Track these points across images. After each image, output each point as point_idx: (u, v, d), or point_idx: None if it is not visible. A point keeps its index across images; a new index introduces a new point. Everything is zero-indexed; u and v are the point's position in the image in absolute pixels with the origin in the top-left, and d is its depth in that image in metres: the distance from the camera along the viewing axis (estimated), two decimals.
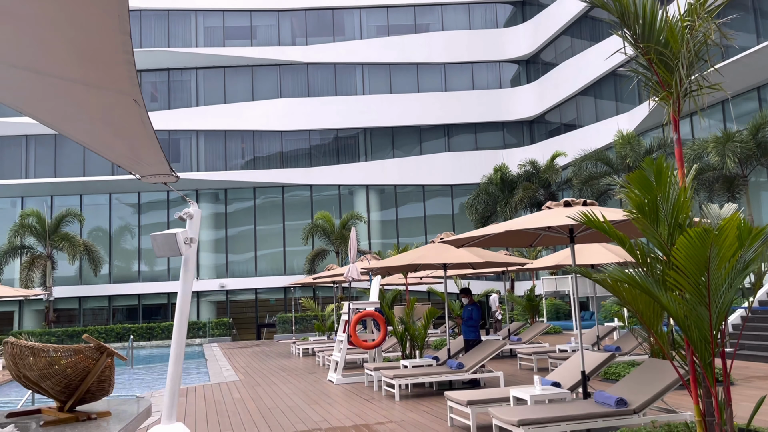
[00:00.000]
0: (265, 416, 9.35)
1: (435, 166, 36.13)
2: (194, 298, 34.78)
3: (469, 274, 18.39)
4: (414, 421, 8.41)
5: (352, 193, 36.63)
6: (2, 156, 35.34)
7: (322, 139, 36.67)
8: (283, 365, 17.10)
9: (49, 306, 31.47)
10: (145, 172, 7.44)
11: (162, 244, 7.54)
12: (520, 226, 6.49)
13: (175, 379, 7.45)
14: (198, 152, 36.08)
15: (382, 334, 12.84)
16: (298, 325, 31.42)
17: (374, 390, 11.49)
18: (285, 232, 35.70)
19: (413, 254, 11.11)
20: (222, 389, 12.58)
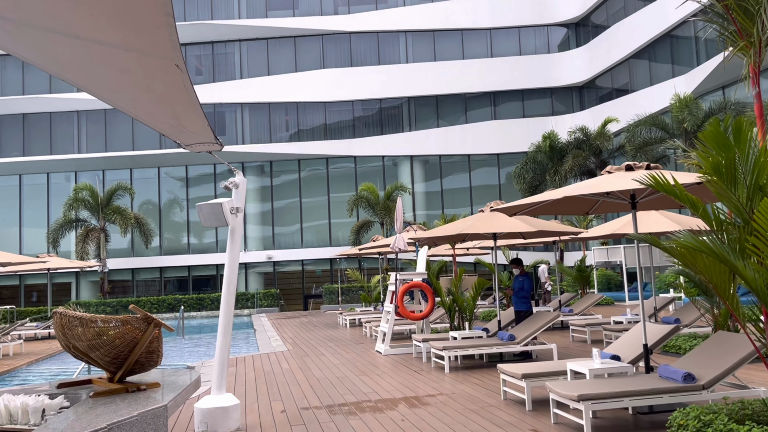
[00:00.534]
0: (314, 387, 9.30)
1: (481, 135, 35.41)
2: (242, 269, 35.31)
3: (518, 244, 17.96)
4: (465, 394, 8.20)
5: (396, 164, 36.30)
6: (56, 132, 36.27)
7: (366, 109, 36.33)
8: (331, 336, 17.13)
9: (103, 277, 32.44)
10: (189, 140, 7.31)
11: (208, 214, 7.44)
12: (579, 191, 6.10)
13: (224, 349, 7.40)
14: (243, 125, 36.25)
15: (429, 305, 12.63)
16: (344, 296, 31.57)
17: (423, 361, 11.33)
18: (330, 204, 35.73)
19: (462, 224, 10.79)
20: (271, 359, 12.64)
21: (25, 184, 36.11)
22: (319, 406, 7.88)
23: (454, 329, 12.88)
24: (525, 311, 11.40)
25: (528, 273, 11.75)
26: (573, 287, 25.26)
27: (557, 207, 7.71)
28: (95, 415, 3.90)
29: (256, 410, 7.85)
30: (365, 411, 7.49)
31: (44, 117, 36.38)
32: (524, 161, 29.30)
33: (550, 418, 6.69)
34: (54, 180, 36.35)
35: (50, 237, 31.69)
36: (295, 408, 7.87)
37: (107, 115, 36.30)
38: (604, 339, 12.35)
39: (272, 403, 8.26)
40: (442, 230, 10.83)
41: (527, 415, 6.89)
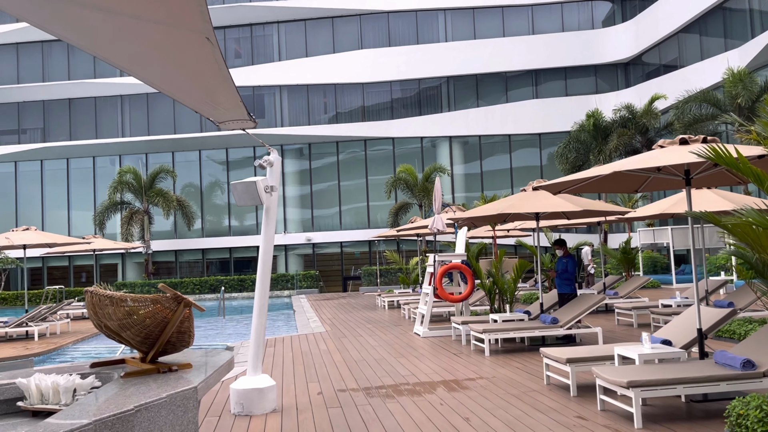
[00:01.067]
0: (351, 369, 9.17)
1: (522, 115, 34.63)
2: (282, 251, 35.57)
3: (561, 226, 17.47)
4: (506, 378, 7.94)
5: (435, 146, 35.87)
6: (101, 116, 36.98)
7: (404, 90, 35.91)
8: (369, 317, 17.04)
9: (148, 258, 33.10)
10: (222, 117, 7.17)
11: (242, 193, 7.32)
12: (630, 166, 5.72)
13: (260, 330, 7.31)
14: (282, 107, 36.29)
15: (469, 287, 12.36)
16: (382, 278, 31.50)
17: (462, 344, 11.09)
18: (368, 186, 35.58)
19: (503, 203, 10.46)
20: (309, 340, 12.59)
21: (72, 168, 37.00)
22: (356, 389, 7.75)
23: (495, 312, 12.59)
24: (568, 294, 11.03)
25: (572, 254, 11.36)
26: (617, 270, 24.59)
27: (605, 184, 7.32)
28: (124, 396, 3.80)
29: (292, 391, 7.76)
30: (403, 394, 7.31)
31: (89, 102, 37.10)
32: (567, 141, 28.50)
33: (596, 404, 6.39)
34: (99, 164, 37.14)
35: (96, 219, 32.45)
36: (331, 390, 7.75)
37: (149, 99, 36.81)
38: (651, 323, 11.89)
39: (309, 384, 8.16)
40: (482, 210, 10.52)
41: (572, 401, 6.60)
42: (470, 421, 6.03)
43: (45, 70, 37.12)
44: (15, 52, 37.18)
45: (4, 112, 37.30)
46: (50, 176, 37.06)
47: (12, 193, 36.96)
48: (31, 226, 35.42)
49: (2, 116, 37.32)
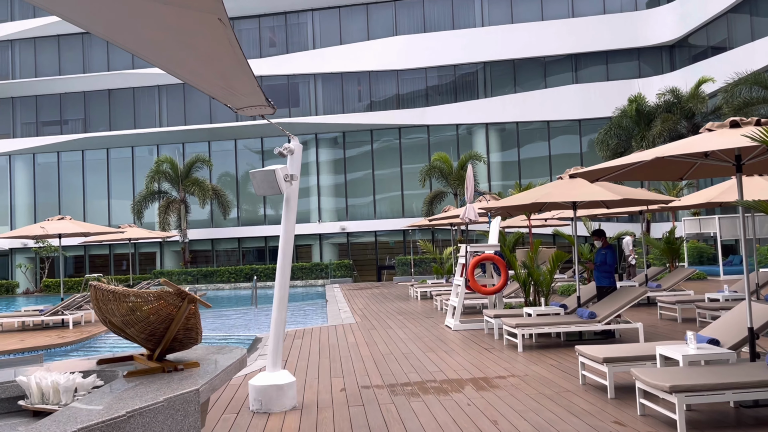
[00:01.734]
0: (377, 363, 8.88)
1: (561, 100, 33.67)
2: (316, 240, 35.53)
3: (600, 215, 16.80)
4: (539, 377, 7.53)
5: (471, 133, 35.21)
6: (139, 106, 37.44)
7: (440, 76, 35.31)
8: (401, 308, 16.74)
9: (184, 247, 33.47)
10: (240, 104, 6.90)
11: (261, 182, 7.05)
12: (675, 152, 5.23)
13: (279, 324, 7.06)
14: (316, 96, 36.12)
15: (502, 278, 11.92)
16: (416, 268, 31.16)
17: (494, 338, 10.69)
18: (402, 175, 35.20)
19: (538, 192, 9.98)
20: (338, 332, 12.36)
21: (112, 158, 37.61)
22: (380, 385, 7.45)
23: (529, 305, 12.13)
24: (608, 287, 10.50)
25: (611, 245, 10.81)
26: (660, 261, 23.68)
27: (646, 171, 6.81)
28: (120, 399, 3.57)
29: (315, 387, 7.51)
30: (429, 392, 6.98)
31: (128, 92, 37.59)
32: (608, 127, 27.59)
33: (636, 408, 5.95)
34: (138, 153, 37.66)
35: (135, 208, 32.92)
36: (355, 386, 7.47)
37: (186, 89, 37.08)
38: (697, 318, 11.27)
39: (333, 379, 7.90)
40: (516, 199, 10.06)
41: (609, 404, 6.17)
42: (498, 424, 5.67)
43: (85, 62, 37.73)
44: (56, 44, 37.87)
45: (47, 104, 38.11)
46: (91, 166, 37.76)
47: (55, 182, 37.80)
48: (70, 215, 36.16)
49: (45, 107, 38.14)
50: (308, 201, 35.95)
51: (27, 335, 14.07)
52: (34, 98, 38.11)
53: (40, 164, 38.08)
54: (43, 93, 37.88)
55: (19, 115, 38.28)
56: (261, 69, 35.84)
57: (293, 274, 32.66)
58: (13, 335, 14.18)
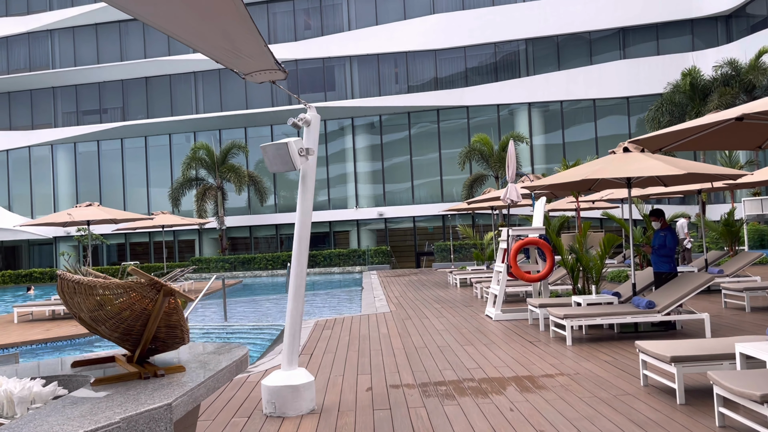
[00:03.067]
0: (410, 358, 8.08)
1: (608, 77, 32.03)
2: (354, 226, 34.91)
3: (653, 195, 15.56)
4: (592, 376, 6.60)
5: (513, 114, 33.88)
6: (175, 93, 37.32)
7: (479, 55, 34.02)
8: (439, 296, 15.89)
9: (222, 234, 33.28)
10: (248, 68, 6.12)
11: (273, 157, 6.26)
12: (765, 107, 4.21)
13: (295, 317, 6.30)
14: (352, 79, 35.31)
15: (548, 264, 10.94)
16: (456, 254, 30.21)
17: (539, 330, 9.76)
18: (441, 159, 34.17)
19: (588, 168, 8.96)
20: (370, 322, 11.61)
21: (150, 146, 37.67)
22: (411, 384, 6.64)
23: (578, 293, 11.13)
24: (667, 272, 9.42)
25: (670, 227, 9.71)
26: (717, 244, 22.15)
27: (722, 137, 5.76)
28: (66, 419, 2.85)
29: (338, 385, 6.75)
30: (465, 394, 6.14)
31: (164, 80, 37.50)
32: (659, 103, 25.98)
33: (714, 418, 4.99)
34: (175, 141, 37.61)
35: (172, 196, 32.83)
36: (383, 385, 6.68)
37: (222, 75, 36.76)
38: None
39: (359, 377, 7.13)
40: (564, 176, 9.05)
41: (678, 412, 5.22)
42: None
43: (123, 50, 37.77)
44: (94, 32, 38.00)
45: (86, 93, 38.36)
46: (130, 154, 37.91)
47: (95, 171, 38.11)
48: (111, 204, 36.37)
49: (85, 96, 38.40)
50: (345, 188, 35.30)
51: (55, 324, 13.78)
52: (74, 88, 38.41)
53: (81, 153, 38.44)
54: (83, 82, 38.12)
55: (60, 104, 38.66)
56: (296, 53, 35.22)
57: (331, 261, 32.12)
58: (42, 324, 13.91)
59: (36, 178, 38.58)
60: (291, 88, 35.79)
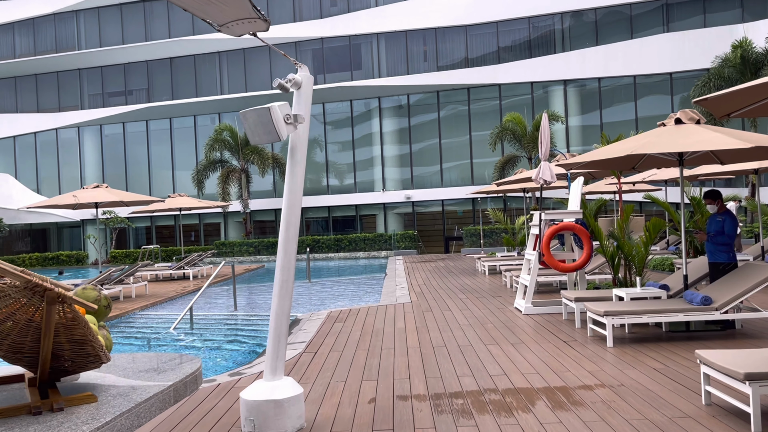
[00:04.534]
0: (425, 359, 7.07)
1: (649, 52, 30.18)
2: (380, 210, 33.92)
3: (702, 175, 14.17)
4: (640, 389, 5.49)
5: (547, 92, 32.30)
6: (200, 74, 36.66)
7: (512, 31, 32.45)
8: (465, 285, 14.81)
9: (246, 218, 32.64)
10: (223, 18, 5.09)
11: (254, 125, 5.21)
12: None
13: (281, 318, 5.28)
14: (379, 57, 34.11)
15: (585, 252, 9.77)
16: (486, 239, 28.99)
17: (574, 327, 8.64)
18: (471, 140, 32.85)
19: (634, 142, 7.74)
20: (387, 314, 10.61)
21: (174, 128, 37.16)
22: (422, 395, 5.63)
23: (618, 284, 9.95)
24: (725, 263, 8.19)
25: (729, 211, 8.46)
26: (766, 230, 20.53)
27: None
28: None
29: (338, 394, 5.78)
30: (486, 410, 5.10)
31: (189, 60, 36.86)
32: (705, 79, 24.20)
33: None
34: (200, 122, 37.02)
35: (195, 178, 32.28)
36: (389, 395, 5.69)
37: (246, 55, 35.94)
38: None
39: (364, 383, 6.15)
40: (606, 152, 7.86)
41: None
42: None
43: (147, 30, 37.21)
44: (119, 12, 37.50)
45: (112, 74, 37.98)
46: (155, 136, 37.48)
47: (121, 153, 37.83)
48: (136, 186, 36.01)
49: (110, 78, 38.02)
50: (372, 171, 34.28)
51: None
52: (100, 69, 38.06)
53: (107, 135, 38.17)
54: (108, 63, 37.73)
55: (86, 86, 38.38)
56: (322, 31, 34.15)
57: (356, 245, 31.23)
58: None
59: (63, 161, 38.50)
60: (317, 68, 34.80)
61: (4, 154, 39.38)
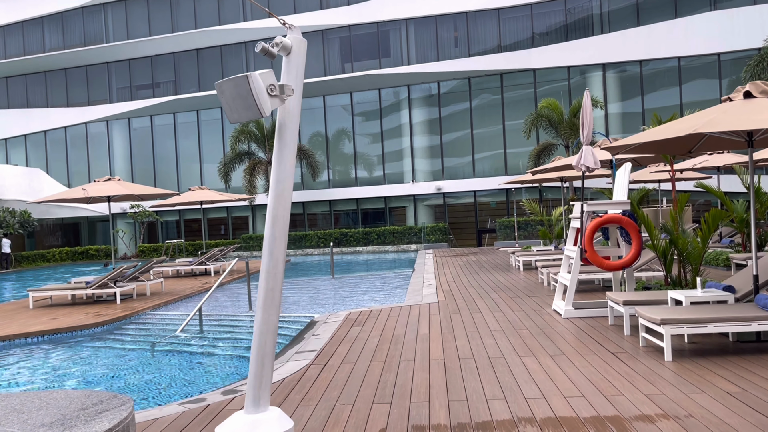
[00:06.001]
0: (449, 375, 6.07)
1: (695, 32, 28.40)
2: (410, 201, 32.91)
3: (763, 161, 12.79)
4: (714, 422, 4.40)
5: (585, 77, 30.76)
6: (226, 65, 36.10)
7: (548, 13, 30.97)
8: (497, 282, 13.73)
9: None
10: None
11: (232, 98, 4.07)
12: None
13: (265, 336, 4.31)
14: (408, 43, 32.99)
15: (634, 248, 8.60)
16: (521, 231, 27.74)
17: (623, 334, 7.53)
18: (505, 130, 31.53)
19: (694, 120, 6.58)
20: (411, 316, 9.64)
21: (202, 120, 36.73)
22: (443, 426, 4.65)
23: (671, 284, 8.78)
24: None
25: None
26: None
27: None
28: None
29: (342, 423, 4.84)
30: None
31: (215, 51, 36.32)
32: (758, 58, 22.49)
33: None
34: None
35: (222, 171, 31.74)
36: (403, 426, 4.71)
37: None
38: None
39: (374, 407, 5.19)
40: (661, 131, 6.71)
41: None
42: None
43: (174, 21, 36.78)
44: (146, 4, 37.14)
45: (139, 67, 37.71)
46: (182, 129, 37.11)
47: (149, 147, 37.59)
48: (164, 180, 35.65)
49: (138, 71, 37.76)
50: (401, 163, 33.26)
51: (71, 310, 12.54)
52: (127, 62, 37.81)
53: (135, 129, 37.96)
54: (136, 56, 37.46)
55: (114, 79, 38.20)
56: (349, 18, 33.19)
57: (385, 239, 30.29)
58: (58, 310, 12.71)
59: (93, 155, 38.46)
60: (344, 56, 33.88)
61: (35, 148, 39.56)
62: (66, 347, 9.70)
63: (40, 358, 8.97)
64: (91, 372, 8.03)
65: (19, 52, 39.36)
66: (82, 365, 8.42)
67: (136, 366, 8.29)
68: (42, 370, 8.24)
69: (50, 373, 8.10)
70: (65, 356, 9.03)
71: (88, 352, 9.31)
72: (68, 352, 9.29)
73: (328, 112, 34.68)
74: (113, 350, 9.42)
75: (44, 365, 8.54)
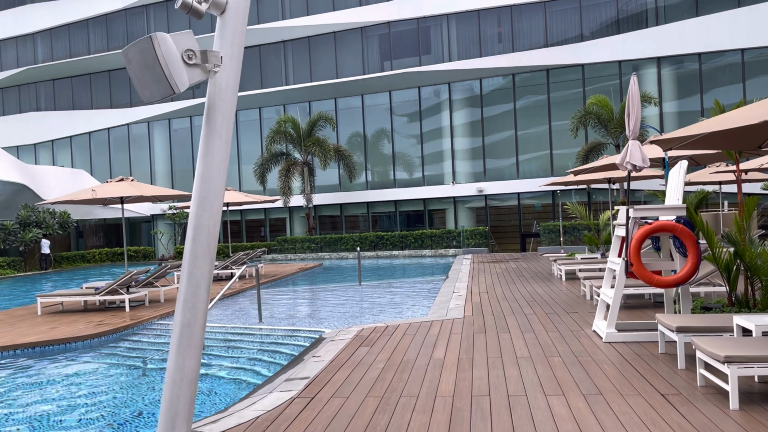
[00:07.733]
0: (455, 419, 4.94)
1: (762, 21, 26.21)
2: (450, 204, 31.64)
3: None
4: None
5: (638, 73, 28.84)
6: (265, 65, 35.65)
7: (598, 5, 29.25)
8: (535, 294, 12.43)
9: (308, 213, 31.27)
10: None
11: (140, 69, 3.04)
12: None
13: (178, 387, 3.20)
14: (449, 39, 31.77)
15: (690, 262, 7.22)
16: (567, 236, 26.13)
17: (677, 367, 6.21)
18: (551, 130, 29.92)
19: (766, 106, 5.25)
20: (428, 336, 8.51)
21: (240, 120, 36.36)
22: None
23: (737, 305, 7.39)
24: None
25: None
26: None
27: None
28: None
29: None
30: None
31: (254, 51, 35.90)
32: None
33: None
34: (265, 115, 36.04)
35: (258, 172, 31.22)
36: None
37: (311, 44, 34.55)
38: None
39: None
40: (726, 120, 5.40)
41: None
42: None
43: (213, 20, 36.54)
44: None
45: None
46: None
47: (188, 148, 37.48)
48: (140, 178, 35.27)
49: None
50: (441, 165, 32.05)
51: (77, 318, 11.91)
52: None
53: (175, 130, 37.95)
54: None
55: None
56: (388, 14, 32.19)
57: (422, 242, 29.12)
58: (65, 317, 12.10)
59: (134, 156, 38.64)
60: (383, 54, 32.90)
61: (80, 150, 40.05)
62: (54, 361, 8.97)
63: (15, 376, 8.23)
64: (67, 394, 7.22)
65: (65, 54, 39.95)
66: (62, 385, 7.63)
67: (119, 387, 7.46)
68: (12, 393, 7.47)
69: (19, 395, 7.33)
70: (47, 373, 8.27)
71: (75, 368, 8.55)
72: (51, 368, 8.54)
73: (367, 112, 33.76)
74: (103, 366, 8.64)
75: (14, 384, 7.78)
